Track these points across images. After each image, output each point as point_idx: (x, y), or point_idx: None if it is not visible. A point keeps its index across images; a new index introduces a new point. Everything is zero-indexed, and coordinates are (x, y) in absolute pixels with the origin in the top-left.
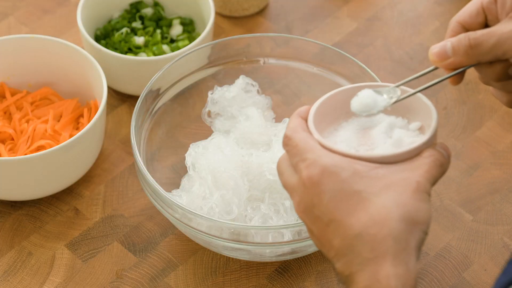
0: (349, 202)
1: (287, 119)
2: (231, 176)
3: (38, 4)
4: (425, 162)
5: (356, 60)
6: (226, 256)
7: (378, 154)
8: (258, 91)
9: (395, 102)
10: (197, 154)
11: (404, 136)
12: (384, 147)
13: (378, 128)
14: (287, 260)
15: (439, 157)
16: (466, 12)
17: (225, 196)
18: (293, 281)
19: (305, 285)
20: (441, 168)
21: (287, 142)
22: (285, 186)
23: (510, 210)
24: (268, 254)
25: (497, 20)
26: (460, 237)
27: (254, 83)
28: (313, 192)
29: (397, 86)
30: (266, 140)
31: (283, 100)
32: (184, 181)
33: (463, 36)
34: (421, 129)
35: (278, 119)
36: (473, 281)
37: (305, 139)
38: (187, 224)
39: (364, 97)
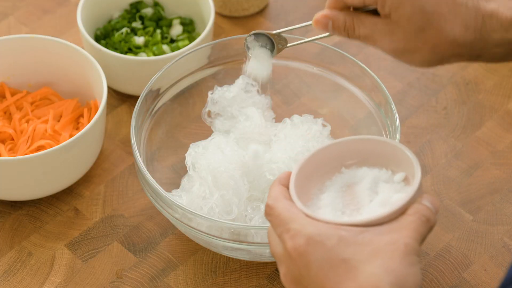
0: (337, 271)
1: (287, 119)
2: (231, 176)
3: (38, 4)
4: (411, 220)
5: (356, 60)
6: (226, 256)
7: (364, 219)
8: (258, 91)
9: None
10: (197, 154)
11: (389, 192)
12: (369, 208)
13: (363, 184)
14: None
15: (425, 213)
16: None
17: (225, 196)
18: None
19: None
20: (428, 224)
21: (269, 212)
22: (273, 255)
23: (510, 210)
24: (268, 254)
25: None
26: (460, 237)
27: (254, 83)
28: (300, 263)
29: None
30: (266, 140)
31: (283, 100)
32: (184, 181)
33: (342, 27)
34: (406, 180)
35: (278, 119)
36: (473, 281)
37: (287, 208)
38: (187, 224)
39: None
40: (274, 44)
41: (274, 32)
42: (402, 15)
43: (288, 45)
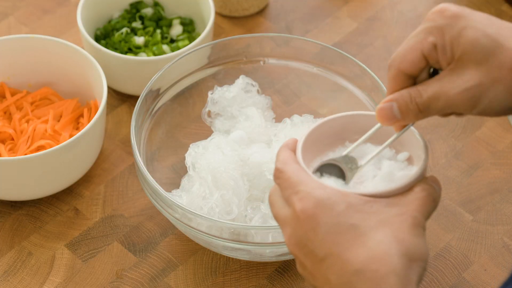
0: (345, 236)
1: (287, 119)
2: (231, 176)
3: (38, 4)
4: (418, 197)
5: (356, 60)
6: (226, 256)
7: (372, 191)
8: (258, 91)
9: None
10: (197, 154)
11: (393, 169)
12: (374, 182)
13: (366, 159)
14: (287, 260)
15: (431, 192)
16: (407, 59)
17: (225, 196)
18: (293, 281)
19: (305, 285)
20: (434, 203)
21: (278, 175)
22: (276, 218)
23: (510, 210)
24: (268, 254)
25: (438, 64)
26: (460, 237)
27: (254, 83)
28: (307, 226)
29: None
30: (266, 140)
31: (283, 100)
32: (184, 181)
33: (409, 99)
34: (409, 160)
35: (278, 119)
36: (473, 281)
37: (297, 172)
38: (187, 224)
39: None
40: (344, 171)
41: (339, 157)
42: (465, 42)
43: (360, 164)
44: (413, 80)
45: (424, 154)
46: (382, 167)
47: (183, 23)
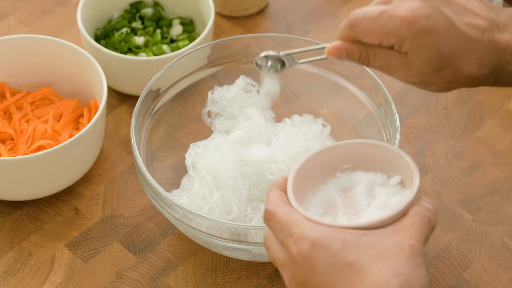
0: (343, 275)
1: (287, 119)
2: (231, 176)
3: (38, 4)
4: (413, 222)
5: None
6: (226, 256)
7: (365, 223)
8: (258, 91)
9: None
10: (197, 154)
11: (386, 195)
12: (368, 212)
13: (359, 188)
14: None
15: (426, 214)
16: (368, 34)
17: (225, 196)
18: None
19: None
20: (430, 225)
21: (269, 218)
22: (274, 261)
23: (510, 210)
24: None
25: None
26: (460, 237)
27: (254, 83)
28: (305, 268)
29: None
30: (266, 140)
31: (283, 100)
32: (184, 181)
33: (357, 53)
34: (401, 183)
35: (278, 119)
36: (473, 281)
37: (288, 213)
38: (187, 224)
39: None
40: (285, 63)
41: (282, 53)
42: (419, 57)
43: (299, 62)
44: None
45: (415, 175)
46: (376, 195)
47: (183, 23)
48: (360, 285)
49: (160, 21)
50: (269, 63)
